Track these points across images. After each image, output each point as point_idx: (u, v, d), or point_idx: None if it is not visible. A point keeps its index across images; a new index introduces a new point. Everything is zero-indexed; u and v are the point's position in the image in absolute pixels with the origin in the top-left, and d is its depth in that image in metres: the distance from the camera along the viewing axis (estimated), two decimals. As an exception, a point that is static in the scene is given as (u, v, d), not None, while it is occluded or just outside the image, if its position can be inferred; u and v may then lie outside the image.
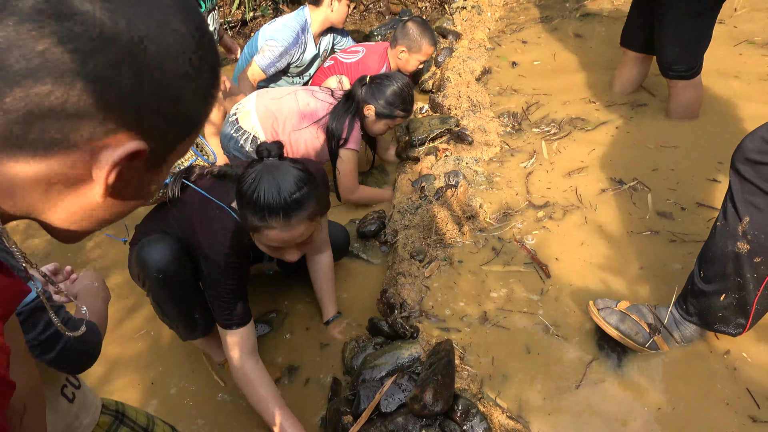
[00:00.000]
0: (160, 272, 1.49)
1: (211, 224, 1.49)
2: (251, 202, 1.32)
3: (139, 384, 1.80)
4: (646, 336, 1.46)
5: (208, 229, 1.48)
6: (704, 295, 1.37)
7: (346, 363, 1.70)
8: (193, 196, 1.56)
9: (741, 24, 3.07)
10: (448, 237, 2.01)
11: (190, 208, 1.55)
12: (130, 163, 0.47)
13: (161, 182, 0.55)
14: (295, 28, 2.85)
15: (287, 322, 1.92)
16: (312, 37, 2.95)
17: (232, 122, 2.32)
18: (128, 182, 0.50)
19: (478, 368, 1.55)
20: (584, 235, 1.93)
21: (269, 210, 1.31)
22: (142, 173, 0.51)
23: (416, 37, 2.79)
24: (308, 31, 2.91)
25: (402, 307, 1.75)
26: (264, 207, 1.31)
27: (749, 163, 1.22)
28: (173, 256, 1.51)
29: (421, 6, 4.57)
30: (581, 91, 2.80)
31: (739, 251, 1.26)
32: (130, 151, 0.46)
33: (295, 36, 2.85)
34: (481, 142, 2.49)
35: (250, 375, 1.48)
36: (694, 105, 2.38)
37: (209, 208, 1.51)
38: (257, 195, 1.31)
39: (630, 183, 2.11)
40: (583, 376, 1.49)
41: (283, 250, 1.43)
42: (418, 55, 2.84)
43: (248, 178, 1.34)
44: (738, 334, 1.38)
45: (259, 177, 1.33)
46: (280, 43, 2.81)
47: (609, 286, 1.74)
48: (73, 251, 2.42)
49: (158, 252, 1.50)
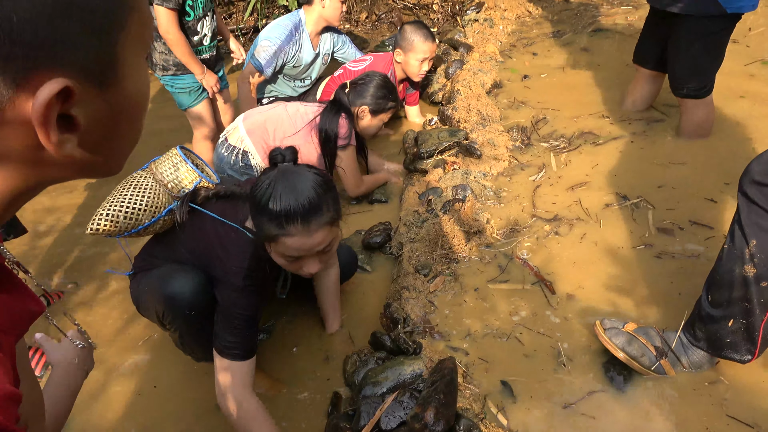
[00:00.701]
0: (192, 309, 1.41)
1: (227, 249, 1.42)
2: (267, 209, 1.26)
3: (141, 391, 1.78)
4: (653, 359, 1.44)
5: (225, 254, 1.41)
6: (712, 320, 1.35)
7: (347, 377, 1.68)
8: (203, 220, 1.49)
9: (754, 44, 3.05)
10: (454, 252, 1.99)
11: (201, 232, 1.49)
12: (67, 105, 0.43)
13: (142, 91, 0.50)
14: (288, 26, 2.85)
15: (288, 332, 1.90)
16: (308, 36, 2.94)
17: (222, 142, 2.36)
18: (93, 121, 0.45)
19: (481, 387, 1.52)
20: (589, 251, 1.91)
21: (287, 216, 1.24)
22: (98, 101, 0.45)
23: (408, 36, 2.77)
24: (303, 30, 2.91)
25: (405, 322, 1.73)
26: (281, 213, 1.24)
27: (757, 186, 1.21)
28: (203, 290, 1.43)
29: (433, 17, 4.59)
30: (591, 106, 2.78)
31: (746, 275, 1.24)
32: (49, 98, 0.41)
33: (288, 34, 2.85)
34: (489, 156, 2.47)
35: (255, 412, 1.36)
36: (705, 124, 2.36)
37: (223, 231, 1.45)
38: (273, 201, 1.25)
39: (634, 200, 2.09)
40: (588, 398, 1.46)
41: (302, 261, 1.34)
42: (413, 53, 2.79)
43: (262, 184, 1.29)
44: (747, 362, 1.35)
45: (275, 182, 1.27)
46: (272, 41, 2.82)
47: (615, 304, 1.71)
48: (67, 256, 2.42)
49: (187, 287, 1.41)
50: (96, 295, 2.17)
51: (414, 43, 2.75)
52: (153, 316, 1.52)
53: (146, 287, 1.52)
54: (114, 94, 0.46)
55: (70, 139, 0.44)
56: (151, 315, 1.54)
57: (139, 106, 0.50)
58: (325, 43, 3.09)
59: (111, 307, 2.10)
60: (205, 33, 2.49)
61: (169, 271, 1.47)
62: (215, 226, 1.47)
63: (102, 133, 0.47)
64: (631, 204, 2.08)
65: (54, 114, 0.41)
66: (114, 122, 0.48)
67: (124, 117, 0.49)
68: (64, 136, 0.43)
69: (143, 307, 1.58)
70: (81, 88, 0.43)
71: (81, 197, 2.84)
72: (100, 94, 0.45)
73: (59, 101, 0.41)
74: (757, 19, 3.32)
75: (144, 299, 1.54)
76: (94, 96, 0.45)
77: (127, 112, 0.49)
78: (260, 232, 1.32)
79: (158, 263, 1.55)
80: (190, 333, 1.49)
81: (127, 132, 0.50)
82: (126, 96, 0.48)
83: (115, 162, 0.52)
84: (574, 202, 2.15)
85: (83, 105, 0.44)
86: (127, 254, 1.67)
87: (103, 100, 0.46)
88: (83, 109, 0.44)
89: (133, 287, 1.62)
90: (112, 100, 0.47)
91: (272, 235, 1.28)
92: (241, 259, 1.39)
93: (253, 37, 4.67)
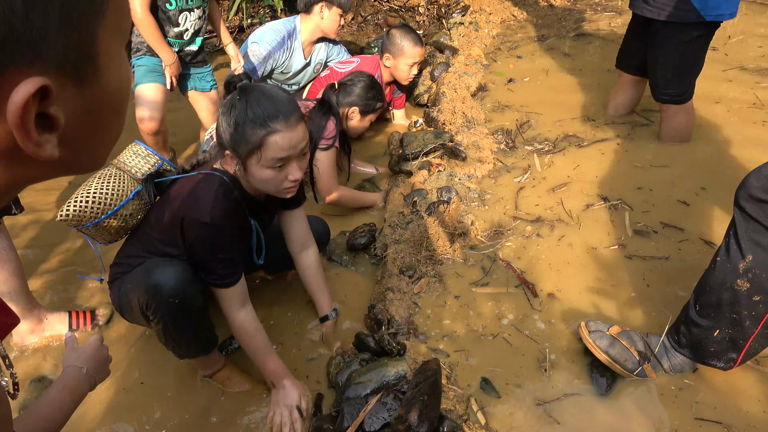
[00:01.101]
0: (176, 297, 1.40)
1: (195, 194, 1.44)
2: (248, 118, 1.32)
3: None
4: (635, 363, 1.45)
5: (194, 199, 1.44)
6: (698, 327, 1.37)
7: (331, 378, 1.67)
8: (169, 192, 1.53)
9: (733, 51, 3.11)
10: (438, 253, 2.00)
11: (170, 198, 1.52)
12: (45, 104, 0.40)
13: (123, 83, 0.48)
14: (281, 32, 2.83)
15: (270, 333, 1.88)
16: (301, 44, 2.92)
17: (207, 140, 2.33)
18: (74, 118, 0.43)
19: (465, 388, 1.53)
20: (570, 253, 1.93)
21: (269, 115, 1.33)
22: (78, 97, 0.43)
23: (397, 42, 2.78)
24: (296, 37, 2.89)
25: (390, 323, 1.73)
26: (263, 114, 1.32)
27: (754, 202, 1.21)
28: (186, 278, 1.43)
29: (419, 20, 4.60)
30: (574, 110, 2.82)
31: (738, 288, 1.25)
32: (24, 100, 0.38)
33: (281, 40, 2.82)
34: (474, 158, 2.49)
35: (247, 327, 1.54)
36: (685, 129, 2.40)
37: (191, 183, 1.47)
38: (251, 108, 1.33)
39: (614, 201, 2.12)
40: (570, 399, 1.47)
41: (287, 169, 1.40)
42: (403, 58, 2.80)
43: (234, 104, 1.34)
44: (728, 369, 1.37)
45: (246, 96, 1.34)
46: (263, 46, 2.79)
47: (596, 305, 1.73)
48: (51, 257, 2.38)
49: (170, 276, 1.41)
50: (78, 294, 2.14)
51: (404, 48, 2.76)
52: (137, 314, 1.50)
53: (128, 285, 1.50)
54: (94, 89, 0.44)
55: (50, 140, 0.42)
56: (135, 314, 1.51)
57: (121, 98, 0.48)
58: (319, 52, 3.07)
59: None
60: (187, 27, 2.45)
61: (152, 263, 1.47)
62: (182, 184, 1.50)
63: (83, 129, 0.45)
64: (610, 205, 2.12)
65: (31, 115, 0.39)
66: (96, 117, 0.46)
67: (106, 111, 0.47)
68: (43, 137, 0.41)
69: (126, 309, 1.56)
70: (59, 85, 0.41)
71: (55, 195, 2.80)
72: (80, 90, 0.43)
73: (36, 101, 0.39)
74: (736, 26, 3.40)
75: (126, 299, 1.52)
76: (74, 92, 0.43)
77: (109, 105, 0.47)
78: (243, 146, 1.35)
79: (136, 262, 1.54)
80: (174, 324, 1.47)
81: (110, 125, 0.48)
82: (107, 89, 0.46)
83: (99, 157, 0.50)
84: (556, 203, 2.17)
85: (62, 102, 0.42)
86: (98, 255, 1.63)
87: (83, 96, 0.43)
88: (62, 107, 0.42)
89: (114, 294, 1.60)
90: (93, 95, 0.44)
91: (258, 140, 1.33)
92: (208, 195, 1.42)
93: (238, 36, 4.64)
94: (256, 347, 1.56)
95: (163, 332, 1.50)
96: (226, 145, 1.39)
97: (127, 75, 0.49)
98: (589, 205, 2.14)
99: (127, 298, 1.51)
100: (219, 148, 1.46)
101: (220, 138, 1.42)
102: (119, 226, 1.54)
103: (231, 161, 1.44)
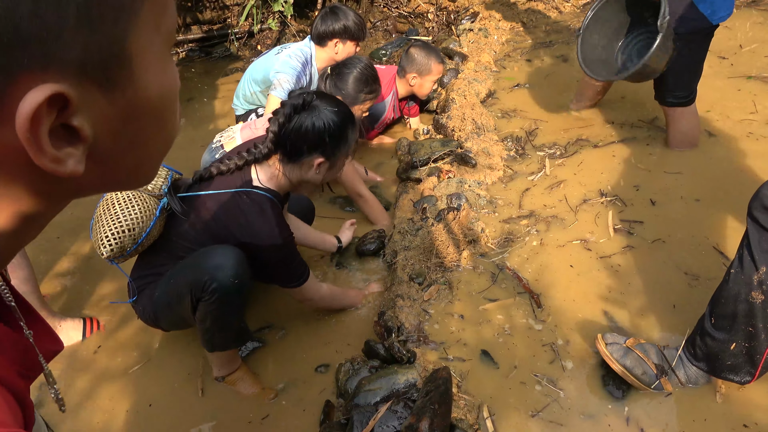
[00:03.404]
0: (236, 277, 1.44)
1: (248, 217, 1.52)
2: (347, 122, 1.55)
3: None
4: (653, 376, 1.44)
5: (249, 222, 1.52)
6: (714, 340, 1.35)
7: (340, 385, 1.67)
8: (203, 203, 1.55)
9: (743, 60, 3.09)
10: (448, 261, 1.99)
11: (205, 216, 1.54)
12: (65, 114, 0.36)
13: (167, 88, 0.43)
14: (300, 58, 2.81)
15: (281, 338, 1.89)
16: (317, 71, 2.91)
17: (216, 148, 2.32)
18: (105, 130, 0.38)
19: (476, 397, 1.52)
20: (581, 260, 1.92)
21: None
22: (108, 106, 0.38)
23: (423, 60, 2.79)
24: (312, 65, 2.87)
25: (399, 330, 1.73)
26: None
27: (767, 212, 1.20)
28: (244, 260, 1.48)
29: (428, 26, 4.61)
30: (583, 115, 2.81)
31: (753, 300, 1.23)
32: (32, 110, 0.34)
33: (302, 66, 2.81)
34: (484, 165, 2.48)
35: (333, 291, 1.85)
36: (692, 132, 2.42)
37: (231, 201, 1.52)
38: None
39: (629, 208, 2.11)
40: (583, 410, 1.46)
41: None
42: (429, 76, 2.84)
43: (322, 112, 1.50)
44: (746, 383, 1.35)
45: (317, 106, 1.50)
46: (290, 74, 2.77)
47: (608, 315, 1.72)
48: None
49: (231, 257, 1.45)
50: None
51: (431, 67, 2.80)
52: (183, 305, 1.49)
53: (177, 276, 1.51)
54: (129, 96, 0.39)
55: (72, 154, 0.37)
56: (179, 308, 1.51)
57: (165, 106, 0.43)
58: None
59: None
60: None
61: (206, 250, 1.49)
62: (223, 203, 1.54)
63: (119, 142, 0.40)
64: (625, 220, 2.10)
65: (44, 127, 0.35)
66: (134, 128, 0.41)
67: (146, 121, 0.41)
68: (63, 151, 0.36)
69: (163, 310, 1.56)
70: (82, 92, 0.36)
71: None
72: (110, 98, 0.38)
73: (53, 110, 0.35)
74: (746, 33, 3.37)
75: (165, 298, 1.53)
76: (102, 100, 0.38)
77: (149, 114, 0.41)
78: (344, 148, 1.56)
79: (165, 269, 1.56)
80: (228, 306, 1.48)
81: (154, 137, 0.43)
82: (146, 96, 0.40)
83: (144, 172, 0.45)
84: (566, 208, 2.16)
85: (87, 112, 0.37)
86: (128, 278, 1.64)
87: (114, 104, 0.38)
88: (88, 117, 0.37)
89: (143, 304, 1.60)
90: (128, 103, 0.39)
91: (352, 141, 1.58)
92: (268, 219, 1.52)
93: (247, 41, 4.66)
94: (340, 301, 1.90)
95: (213, 317, 1.50)
96: (313, 149, 1.51)
97: (172, 80, 0.44)
98: (599, 214, 2.13)
99: (167, 294, 1.52)
100: (262, 156, 1.56)
101: (293, 144, 1.51)
102: (148, 244, 1.57)
103: (292, 166, 1.55)
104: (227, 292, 1.44)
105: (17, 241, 0.41)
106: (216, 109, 3.65)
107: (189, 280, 1.45)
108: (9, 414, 0.35)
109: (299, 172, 1.55)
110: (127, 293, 1.68)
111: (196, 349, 1.84)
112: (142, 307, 1.62)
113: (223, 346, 1.63)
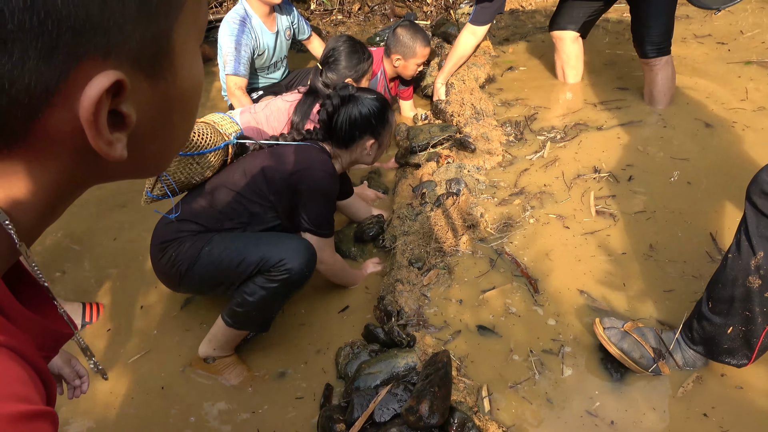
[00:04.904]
0: (311, 269, 1.58)
1: (307, 154, 1.69)
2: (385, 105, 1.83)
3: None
4: (650, 360, 1.45)
5: (306, 158, 1.68)
6: (711, 324, 1.36)
7: (340, 369, 1.68)
8: (270, 156, 1.72)
9: (743, 46, 3.08)
10: (447, 245, 1.99)
11: (275, 162, 1.69)
12: (118, 100, 0.37)
13: (197, 81, 0.45)
14: (235, 19, 2.75)
15: (282, 321, 1.89)
16: (260, 21, 2.84)
17: None
18: (145, 117, 0.40)
19: (475, 380, 1.53)
20: (580, 245, 1.92)
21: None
22: (150, 94, 0.40)
23: (408, 42, 2.75)
24: (250, 17, 2.81)
25: (399, 314, 1.73)
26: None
27: (766, 197, 1.20)
28: (316, 256, 1.62)
29: (426, 10, 4.56)
30: (581, 98, 2.80)
31: (750, 285, 1.24)
32: (99, 95, 0.36)
33: (239, 27, 2.74)
34: (483, 150, 2.47)
35: (342, 264, 1.92)
36: (672, 80, 2.58)
37: (291, 148, 1.71)
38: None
39: (625, 182, 2.11)
40: (581, 394, 1.47)
41: None
42: (414, 59, 2.79)
43: (364, 100, 1.76)
44: (742, 366, 1.37)
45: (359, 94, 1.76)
46: (228, 41, 2.74)
47: (605, 299, 1.73)
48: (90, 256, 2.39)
49: (309, 248, 1.58)
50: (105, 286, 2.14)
51: (416, 50, 2.75)
52: (230, 274, 1.55)
53: (234, 245, 1.56)
54: (167, 87, 0.41)
55: (120, 139, 0.39)
56: (222, 274, 1.56)
57: (192, 98, 0.45)
58: (282, 20, 2.99)
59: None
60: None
61: (289, 235, 1.64)
62: (279, 150, 1.73)
63: (152, 129, 0.42)
64: (620, 191, 2.10)
65: (104, 112, 0.36)
66: (165, 118, 0.43)
67: (176, 111, 0.43)
68: (114, 136, 0.38)
69: (207, 268, 1.57)
70: (133, 80, 0.38)
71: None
72: (153, 87, 0.40)
73: (109, 96, 0.36)
74: (746, 19, 3.36)
75: (219, 258, 1.55)
76: (147, 88, 0.40)
77: (179, 105, 0.43)
78: (388, 127, 1.81)
79: (209, 222, 1.64)
80: (284, 292, 1.57)
81: (179, 128, 0.45)
82: (180, 88, 0.42)
83: (163, 161, 0.46)
84: (566, 193, 2.16)
85: (134, 100, 0.39)
86: (172, 200, 1.65)
87: (155, 94, 0.40)
88: (134, 105, 0.39)
89: (180, 251, 1.59)
90: (165, 94, 0.41)
91: (393, 120, 1.86)
92: (321, 156, 1.71)
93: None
94: (345, 275, 1.94)
95: (263, 295, 1.54)
96: (364, 132, 1.76)
97: (199, 75, 0.45)
98: (599, 195, 2.13)
99: (228, 251, 1.55)
100: (318, 136, 1.81)
101: (346, 127, 1.74)
102: (200, 173, 1.67)
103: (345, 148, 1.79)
104: (294, 278, 1.53)
105: (45, 221, 0.42)
106: (211, 95, 3.62)
107: (263, 252, 1.52)
108: (34, 391, 0.36)
109: (352, 155, 1.82)
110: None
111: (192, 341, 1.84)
112: (176, 253, 1.59)
113: (247, 325, 1.66)
